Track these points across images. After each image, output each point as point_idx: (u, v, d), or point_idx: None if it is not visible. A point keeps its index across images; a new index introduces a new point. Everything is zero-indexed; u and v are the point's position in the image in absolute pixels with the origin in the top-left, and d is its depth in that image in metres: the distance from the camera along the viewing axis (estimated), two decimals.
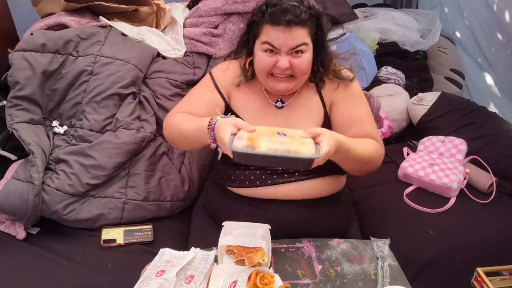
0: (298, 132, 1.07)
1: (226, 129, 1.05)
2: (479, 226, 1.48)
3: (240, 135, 1.03)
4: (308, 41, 1.21)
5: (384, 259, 1.15)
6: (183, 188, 1.61)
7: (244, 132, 1.04)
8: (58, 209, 1.42)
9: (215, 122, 1.12)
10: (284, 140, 1.01)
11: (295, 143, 1.01)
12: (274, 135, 1.04)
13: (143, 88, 1.73)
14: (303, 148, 1.00)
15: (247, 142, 1.00)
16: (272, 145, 0.99)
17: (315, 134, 1.05)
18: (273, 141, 1.01)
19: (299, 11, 1.16)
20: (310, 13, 1.19)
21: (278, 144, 1.00)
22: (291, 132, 1.07)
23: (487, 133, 1.87)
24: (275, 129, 1.08)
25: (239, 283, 0.99)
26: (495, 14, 2.17)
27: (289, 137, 1.04)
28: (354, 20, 2.45)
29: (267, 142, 1.00)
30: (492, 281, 1.13)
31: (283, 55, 1.19)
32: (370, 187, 1.74)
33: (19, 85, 1.55)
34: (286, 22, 1.15)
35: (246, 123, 1.08)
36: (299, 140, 1.03)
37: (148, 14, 1.99)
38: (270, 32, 1.19)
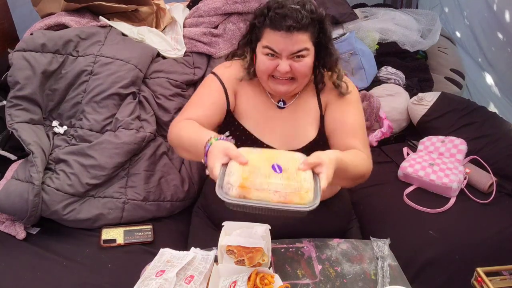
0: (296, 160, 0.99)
1: (217, 159, 0.98)
2: (479, 226, 1.48)
3: (232, 168, 0.95)
4: (309, 46, 1.19)
5: (384, 259, 1.15)
6: (183, 188, 1.61)
7: (236, 165, 0.95)
8: (58, 209, 1.42)
9: (209, 145, 1.04)
10: (279, 183, 0.92)
11: (291, 185, 0.92)
12: (268, 171, 0.95)
13: (143, 88, 1.73)
14: (301, 192, 0.91)
15: (237, 190, 0.92)
16: (265, 195, 0.91)
17: (314, 165, 0.98)
18: (267, 187, 0.92)
19: (300, 16, 1.13)
20: (312, 18, 1.16)
21: (272, 193, 0.91)
22: (287, 163, 0.97)
23: (487, 133, 1.87)
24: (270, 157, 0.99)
25: (239, 283, 0.99)
26: (495, 14, 2.17)
27: (285, 172, 0.95)
28: (354, 20, 2.45)
29: (260, 191, 0.91)
30: (492, 281, 1.13)
31: (283, 59, 1.19)
32: (370, 187, 1.74)
33: (19, 85, 1.55)
34: (287, 28, 1.14)
35: (237, 152, 0.98)
36: (297, 177, 0.94)
37: (148, 14, 1.99)
38: (270, 36, 1.18)
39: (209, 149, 1.03)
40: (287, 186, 0.92)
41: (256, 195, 0.91)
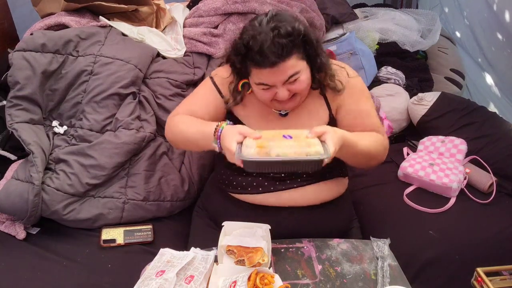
0: (304, 133, 1.08)
1: (232, 138, 1.05)
2: (479, 226, 1.48)
3: (247, 143, 1.04)
4: (300, 65, 1.15)
5: (384, 259, 1.15)
6: (183, 188, 1.61)
7: (251, 139, 1.04)
8: (58, 209, 1.42)
9: (221, 130, 1.11)
10: (292, 144, 1.03)
11: (303, 146, 1.02)
12: (280, 139, 1.05)
13: (143, 88, 1.73)
14: (311, 150, 1.01)
15: (256, 149, 1.01)
16: (281, 150, 1.00)
17: (320, 133, 1.06)
18: (281, 145, 1.02)
19: (280, 47, 1.08)
20: (292, 40, 1.10)
21: (287, 148, 1.01)
22: (296, 134, 1.08)
23: (487, 133, 1.87)
24: (280, 132, 1.08)
25: (239, 283, 0.99)
26: (495, 14, 2.17)
27: (295, 139, 1.05)
28: (354, 20, 2.45)
29: (276, 147, 1.01)
30: (492, 281, 1.13)
31: (279, 87, 1.16)
32: (370, 187, 1.74)
33: (19, 85, 1.55)
34: (271, 64, 1.09)
35: (251, 130, 1.07)
36: (306, 141, 1.04)
37: (148, 14, 1.99)
38: (258, 73, 1.14)
39: (222, 133, 1.10)
40: (299, 147, 1.02)
41: (273, 150, 1.01)
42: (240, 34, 1.18)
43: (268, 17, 1.14)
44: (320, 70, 1.23)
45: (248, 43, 1.11)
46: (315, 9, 2.20)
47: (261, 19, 1.14)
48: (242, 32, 1.17)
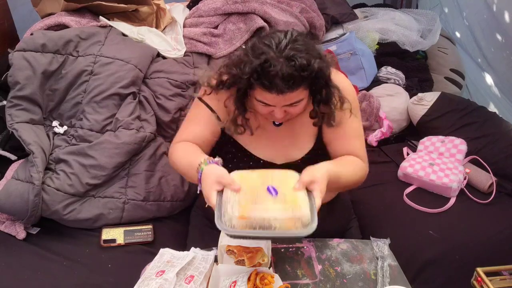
0: (291, 181, 1.01)
1: (211, 187, 1.00)
2: (479, 226, 1.48)
3: (229, 199, 0.97)
4: (304, 94, 1.13)
5: (384, 259, 1.15)
6: (183, 188, 1.61)
7: (232, 194, 0.98)
8: (58, 209, 1.42)
9: (200, 172, 1.06)
10: (277, 210, 0.94)
11: (288, 213, 0.94)
12: (264, 197, 0.97)
13: (143, 88, 1.73)
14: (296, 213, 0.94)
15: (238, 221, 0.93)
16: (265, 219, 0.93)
17: (308, 183, 1.01)
18: (266, 210, 0.94)
19: (292, 80, 1.05)
20: (304, 75, 1.06)
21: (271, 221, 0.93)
22: (282, 182, 1.00)
23: (487, 133, 1.87)
24: (264, 180, 1.01)
25: (239, 283, 0.99)
26: (494, 15, 2.17)
27: (281, 197, 0.97)
28: (354, 20, 2.45)
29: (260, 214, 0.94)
30: (492, 281, 1.13)
31: (278, 108, 1.14)
32: (370, 187, 1.74)
33: (19, 85, 1.55)
34: (279, 91, 1.06)
35: (230, 179, 1.00)
36: (292, 200, 0.96)
37: (148, 14, 1.99)
38: (263, 94, 1.11)
39: (202, 176, 1.05)
40: (285, 212, 0.94)
41: (256, 222, 0.94)
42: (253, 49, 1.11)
43: (287, 40, 1.09)
44: (324, 102, 1.19)
45: (263, 64, 1.06)
46: (315, 9, 2.20)
47: (280, 39, 1.09)
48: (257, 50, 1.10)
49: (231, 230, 0.93)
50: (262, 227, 0.93)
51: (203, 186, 1.04)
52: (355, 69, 2.26)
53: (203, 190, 1.04)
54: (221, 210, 0.96)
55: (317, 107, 1.19)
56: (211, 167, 1.05)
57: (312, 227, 0.94)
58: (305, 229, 0.93)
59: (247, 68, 1.10)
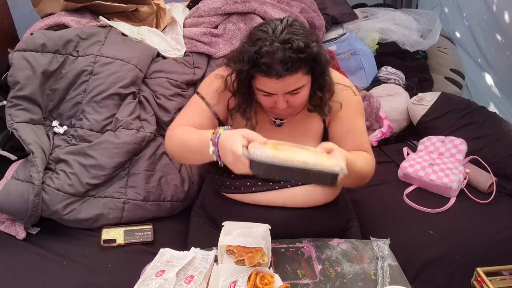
0: (311, 148, 1.03)
1: (236, 141, 0.99)
2: (479, 226, 1.48)
3: (255, 146, 0.96)
4: (304, 80, 1.14)
5: (384, 259, 1.15)
6: (183, 188, 1.61)
7: (257, 144, 0.97)
8: (58, 209, 1.42)
9: (218, 136, 1.05)
10: (307, 153, 0.96)
11: (318, 156, 0.95)
12: (292, 147, 0.98)
13: (143, 88, 1.73)
14: (327, 161, 0.94)
15: (271, 150, 0.92)
16: (297, 156, 0.92)
17: (328, 149, 1.03)
18: (297, 151, 0.95)
19: (290, 61, 1.06)
20: (302, 57, 1.08)
21: (303, 155, 0.93)
22: (305, 147, 1.02)
23: (487, 133, 1.87)
24: (290, 143, 1.02)
25: (239, 283, 0.99)
26: (494, 15, 2.17)
27: (307, 150, 0.99)
28: (354, 20, 2.45)
29: (291, 152, 0.93)
30: (492, 281, 1.13)
31: (279, 97, 1.15)
32: (370, 187, 1.73)
33: (19, 85, 1.55)
34: (277, 75, 1.07)
35: (256, 134, 1.01)
36: (319, 153, 0.98)
37: (148, 14, 1.99)
38: (263, 81, 1.12)
39: (221, 138, 1.03)
40: (315, 155, 0.96)
41: (289, 155, 0.92)
42: (249, 38, 1.14)
43: (283, 25, 1.10)
44: (322, 88, 1.21)
45: (260, 50, 1.08)
46: (315, 9, 2.20)
47: (276, 25, 1.10)
48: (253, 37, 1.12)
49: (263, 158, 0.90)
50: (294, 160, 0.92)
51: (225, 142, 1.02)
52: (355, 69, 2.26)
53: (226, 145, 1.01)
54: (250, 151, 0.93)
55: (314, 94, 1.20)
56: (230, 130, 1.06)
57: (343, 169, 0.95)
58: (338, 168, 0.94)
59: (245, 57, 1.11)
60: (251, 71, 1.12)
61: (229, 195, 1.35)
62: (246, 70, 1.12)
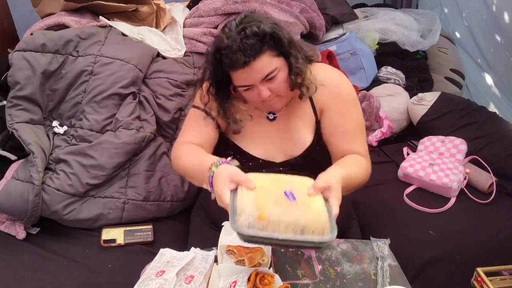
0: (306, 184, 0.97)
1: (224, 186, 0.96)
2: (479, 226, 1.48)
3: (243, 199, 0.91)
4: (275, 63, 1.14)
5: (384, 259, 1.15)
6: (183, 188, 1.62)
7: (247, 193, 0.93)
8: (58, 209, 1.42)
9: (211, 175, 1.03)
10: (297, 213, 0.89)
11: (308, 219, 0.88)
12: (282, 199, 0.91)
13: (143, 88, 1.73)
14: (319, 225, 0.87)
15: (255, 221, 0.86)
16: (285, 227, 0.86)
17: (323, 189, 0.97)
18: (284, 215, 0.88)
19: (248, 46, 1.08)
20: (259, 39, 1.10)
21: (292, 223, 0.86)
22: (297, 187, 0.95)
23: (487, 133, 1.87)
24: (280, 183, 0.96)
25: (239, 283, 0.99)
26: (494, 15, 2.17)
27: (299, 200, 0.92)
28: (354, 20, 2.45)
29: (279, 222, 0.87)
30: (492, 281, 1.13)
31: (259, 86, 1.15)
32: (370, 187, 1.73)
33: (19, 85, 1.55)
34: (243, 64, 1.09)
35: (244, 177, 0.96)
36: (311, 208, 0.91)
37: (148, 14, 1.99)
38: (235, 76, 1.15)
39: (214, 176, 1.01)
40: (305, 219, 0.88)
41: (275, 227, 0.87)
42: (212, 44, 1.20)
43: (237, 21, 1.14)
44: (296, 71, 1.19)
45: (219, 49, 1.13)
46: (315, 9, 2.20)
47: (230, 24, 1.15)
48: (214, 41, 1.19)
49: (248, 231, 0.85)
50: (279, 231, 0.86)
51: (215, 186, 1.00)
52: (355, 69, 2.26)
53: (216, 189, 0.99)
54: (235, 211, 0.89)
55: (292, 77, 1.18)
56: (223, 167, 1.02)
57: (334, 235, 0.87)
58: (327, 236, 0.87)
59: (209, 59, 1.18)
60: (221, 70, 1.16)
61: None
62: (212, 71, 1.18)
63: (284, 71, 1.17)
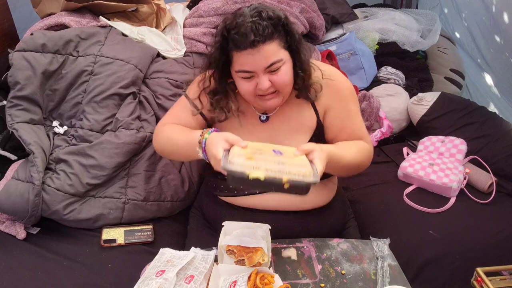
0: (291, 150, 1.04)
1: (218, 145, 1.01)
2: (479, 226, 1.48)
3: (235, 151, 0.99)
4: (282, 54, 1.13)
5: (384, 259, 1.15)
6: (183, 188, 1.62)
7: (238, 148, 1.00)
8: (59, 209, 1.42)
9: (204, 141, 1.09)
10: (281, 160, 0.97)
11: (293, 164, 0.96)
12: (269, 153, 1.00)
13: (143, 88, 1.73)
14: (300, 170, 0.94)
15: (244, 160, 0.94)
16: (269, 166, 0.94)
17: (307, 151, 1.02)
18: (270, 160, 0.96)
19: (261, 27, 1.07)
20: (272, 24, 1.09)
21: (275, 165, 0.95)
22: (285, 150, 1.03)
23: (487, 133, 1.87)
24: (270, 145, 1.04)
25: (239, 283, 0.99)
26: (493, 16, 2.17)
27: (285, 156, 1.00)
28: (354, 20, 2.45)
29: (264, 162, 0.95)
30: (492, 281, 1.13)
31: (261, 75, 1.12)
32: (370, 187, 1.74)
33: (19, 85, 1.55)
34: (251, 44, 1.07)
35: (238, 138, 1.03)
36: (295, 159, 0.99)
37: (148, 14, 1.99)
38: (239, 58, 1.11)
39: (208, 140, 1.08)
40: (289, 163, 0.96)
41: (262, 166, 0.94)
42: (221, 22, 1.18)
43: (251, 7, 1.14)
44: (302, 67, 1.19)
45: (229, 25, 1.11)
46: (315, 9, 2.20)
47: (244, 9, 1.14)
48: (224, 20, 1.18)
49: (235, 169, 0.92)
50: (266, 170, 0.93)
51: (209, 146, 1.06)
52: (355, 69, 2.27)
53: (210, 149, 1.05)
54: (227, 160, 0.96)
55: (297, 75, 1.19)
56: (215, 133, 1.09)
57: (316, 179, 0.93)
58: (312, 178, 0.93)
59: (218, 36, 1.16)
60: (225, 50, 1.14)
61: (223, 198, 1.34)
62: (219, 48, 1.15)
63: (288, 66, 1.16)
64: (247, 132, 1.26)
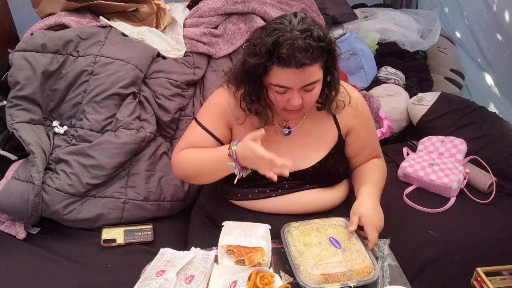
0: (340, 225, 1.17)
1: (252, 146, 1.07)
2: (479, 226, 1.48)
3: (302, 256, 1.08)
4: (319, 74, 1.12)
5: (384, 259, 1.15)
6: (183, 188, 1.62)
7: (295, 251, 1.10)
8: (58, 209, 1.42)
9: (234, 152, 1.12)
10: (345, 262, 1.07)
11: (355, 264, 1.06)
12: (330, 249, 1.10)
13: (143, 88, 1.74)
14: (363, 271, 1.05)
15: (319, 277, 1.03)
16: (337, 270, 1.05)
17: (357, 221, 1.15)
18: (336, 264, 1.06)
19: (311, 49, 1.04)
20: (322, 46, 1.07)
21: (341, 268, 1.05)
22: (338, 231, 1.16)
23: (487, 133, 1.87)
24: (321, 230, 1.16)
25: (239, 283, 0.99)
26: (494, 15, 2.17)
27: (344, 248, 1.11)
28: (354, 20, 2.45)
29: (333, 268, 1.05)
30: (492, 281, 1.13)
31: (294, 93, 1.11)
32: None
33: (19, 85, 1.55)
34: (297, 64, 1.04)
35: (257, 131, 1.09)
36: (354, 253, 1.09)
37: (148, 14, 1.99)
38: (280, 73, 1.08)
39: (237, 152, 1.11)
40: (353, 264, 1.06)
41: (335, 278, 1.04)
42: (264, 30, 1.11)
43: (298, 18, 1.09)
44: (331, 85, 1.20)
45: (278, 39, 1.05)
46: (315, 9, 2.20)
47: (290, 18, 1.09)
48: (268, 29, 1.09)
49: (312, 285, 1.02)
50: (339, 279, 1.03)
51: (245, 154, 1.09)
52: (355, 69, 2.26)
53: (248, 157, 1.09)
54: (294, 264, 1.07)
55: (325, 90, 1.20)
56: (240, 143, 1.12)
57: (377, 271, 1.06)
58: (373, 274, 1.06)
59: (262, 50, 1.07)
60: (266, 64, 1.08)
61: (235, 202, 1.34)
62: (263, 63, 1.08)
63: (320, 84, 1.15)
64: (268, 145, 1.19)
